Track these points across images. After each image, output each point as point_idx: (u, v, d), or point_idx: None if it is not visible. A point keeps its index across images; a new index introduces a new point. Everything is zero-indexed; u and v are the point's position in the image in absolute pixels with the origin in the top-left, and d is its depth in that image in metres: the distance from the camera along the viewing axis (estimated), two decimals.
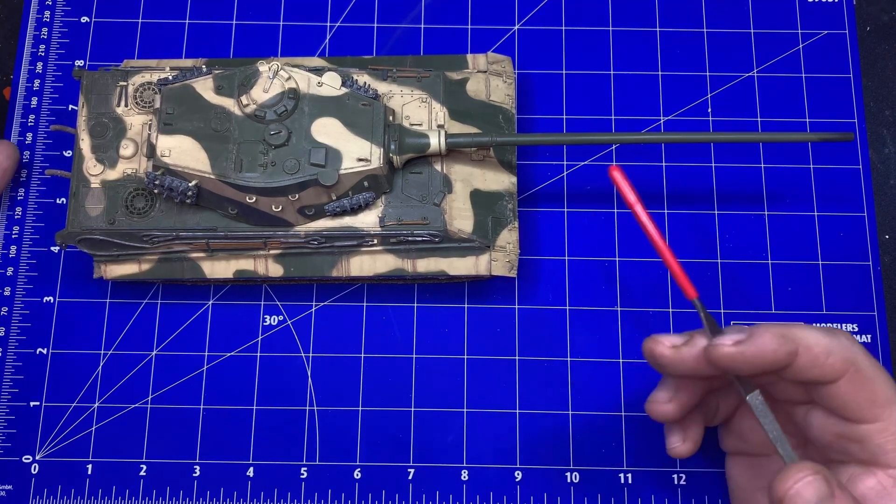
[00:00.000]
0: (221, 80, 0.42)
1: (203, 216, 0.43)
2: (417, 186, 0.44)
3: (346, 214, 0.44)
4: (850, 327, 0.48)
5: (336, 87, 0.42)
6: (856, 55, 0.52)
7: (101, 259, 0.45)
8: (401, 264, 0.45)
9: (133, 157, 0.44)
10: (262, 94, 0.41)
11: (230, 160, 0.41)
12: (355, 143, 0.41)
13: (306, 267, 0.45)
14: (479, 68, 0.48)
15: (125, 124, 0.44)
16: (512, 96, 0.47)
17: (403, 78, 0.46)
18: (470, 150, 0.46)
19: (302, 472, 0.47)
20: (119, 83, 0.45)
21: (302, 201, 0.42)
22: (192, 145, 0.41)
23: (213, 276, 0.45)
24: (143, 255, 0.45)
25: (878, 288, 0.49)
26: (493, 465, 0.46)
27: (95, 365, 0.48)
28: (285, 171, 0.41)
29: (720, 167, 0.51)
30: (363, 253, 0.45)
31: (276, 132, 0.41)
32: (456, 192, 0.45)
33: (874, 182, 0.51)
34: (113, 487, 0.46)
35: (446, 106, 0.45)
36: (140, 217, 0.43)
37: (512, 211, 0.46)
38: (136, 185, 0.44)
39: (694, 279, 0.49)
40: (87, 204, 0.43)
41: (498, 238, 0.45)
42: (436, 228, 0.43)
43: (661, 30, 0.53)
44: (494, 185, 0.46)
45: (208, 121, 0.42)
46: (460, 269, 0.45)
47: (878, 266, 0.49)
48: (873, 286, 0.49)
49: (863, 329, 0.48)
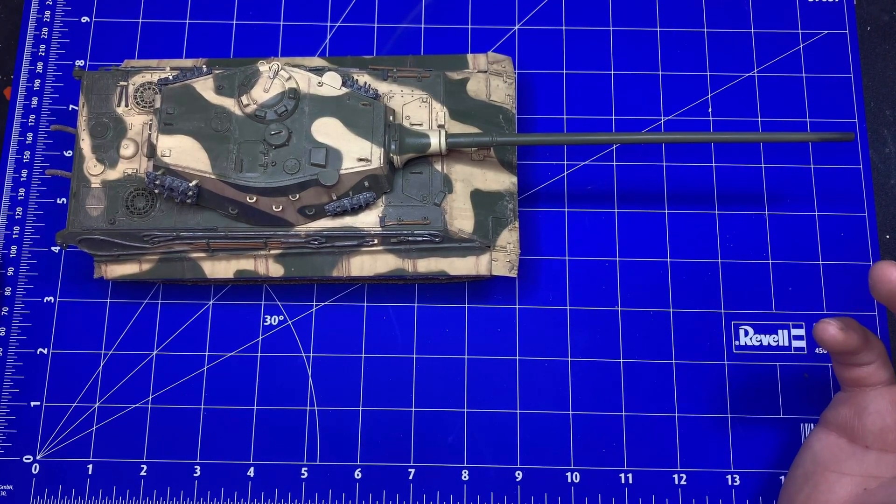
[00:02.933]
0: (222, 79, 0.42)
1: (203, 216, 0.43)
2: (418, 186, 0.44)
3: (347, 214, 0.44)
4: None
5: (336, 86, 0.42)
6: (856, 55, 0.52)
7: (102, 259, 0.45)
8: (401, 264, 0.45)
9: (133, 157, 0.44)
10: (263, 94, 0.41)
11: (230, 160, 0.41)
12: (356, 143, 0.41)
13: (307, 267, 0.45)
14: (479, 68, 0.48)
15: (125, 124, 0.44)
16: (512, 96, 0.47)
17: (404, 78, 0.46)
18: (470, 150, 0.46)
19: (302, 472, 0.47)
20: (119, 83, 0.45)
21: (302, 201, 0.42)
22: (193, 145, 0.41)
23: (214, 276, 0.45)
24: (143, 255, 0.45)
25: None
26: (494, 465, 0.47)
27: (96, 365, 0.48)
28: (286, 170, 0.41)
29: (720, 167, 0.51)
30: (363, 253, 0.45)
31: (276, 132, 0.41)
32: (456, 192, 0.45)
33: (874, 182, 0.51)
34: (113, 487, 0.46)
35: (447, 106, 0.45)
36: (140, 217, 0.43)
37: (512, 211, 0.46)
38: (137, 185, 0.44)
39: (694, 279, 0.49)
40: (88, 204, 0.43)
41: (498, 238, 0.45)
42: (436, 228, 0.43)
43: (661, 30, 0.53)
44: (495, 185, 0.46)
45: (209, 121, 0.42)
46: (461, 270, 0.45)
47: None
48: None
49: None
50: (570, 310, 0.49)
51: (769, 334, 0.48)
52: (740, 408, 0.47)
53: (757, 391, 0.47)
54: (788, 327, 0.48)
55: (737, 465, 0.47)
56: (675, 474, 0.47)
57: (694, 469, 0.47)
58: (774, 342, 0.48)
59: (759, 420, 0.47)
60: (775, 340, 0.48)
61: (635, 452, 0.47)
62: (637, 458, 0.47)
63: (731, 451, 0.47)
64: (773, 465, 0.47)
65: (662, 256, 0.49)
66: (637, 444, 0.47)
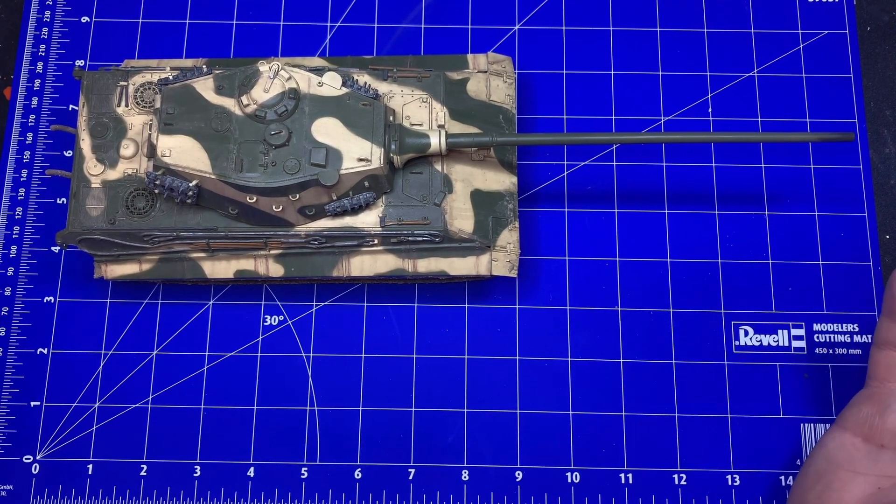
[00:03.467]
0: (222, 80, 0.42)
1: (203, 216, 0.43)
2: (418, 186, 0.44)
3: (347, 214, 0.44)
4: (850, 327, 0.48)
5: (336, 87, 0.42)
6: (856, 55, 0.52)
7: (102, 259, 0.45)
8: (401, 264, 0.45)
9: (133, 157, 0.44)
10: (263, 94, 0.41)
11: (231, 160, 0.41)
12: (356, 143, 0.41)
13: (307, 267, 0.45)
14: (479, 68, 0.48)
15: (125, 124, 0.44)
16: (512, 96, 0.47)
17: (404, 78, 0.46)
18: (470, 151, 0.46)
19: (302, 472, 0.47)
20: (119, 83, 0.45)
21: (302, 201, 0.42)
22: (193, 145, 0.41)
23: (214, 276, 0.45)
24: (143, 255, 0.45)
25: (879, 288, 0.49)
26: (494, 465, 0.47)
27: (96, 365, 0.48)
28: (286, 171, 0.41)
29: (720, 167, 0.51)
30: (364, 253, 0.45)
31: (276, 132, 0.41)
32: (456, 192, 0.45)
33: (874, 182, 0.51)
34: (113, 487, 0.46)
35: (447, 106, 0.45)
36: (140, 217, 0.43)
37: (512, 211, 0.46)
38: (137, 185, 0.44)
39: (694, 279, 0.49)
40: (88, 204, 0.43)
41: (498, 238, 0.45)
42: (436, 228, 0.43)
43: (661, 30, 0.53)
44: (495, 185, 0.46)
45: (209, 121, 0.42)
46: (461, 270, 0.45)
47: (879, 266, 0.49)
48: (874, 286, 0.49)
49: (863, 329, 0.48)
50: (570, 310, 0.49)
51: (769, 334, 0.48)
52: (740, 408, 0.47)
53: (757, 391, 0.47)
54: (788, 327, 0.48)
55: (737, 465, 0.47)
56: (675, 474, 0.47)
57: (694, 469, 0.47)
58: (774, 342, 0.48)
59: (758, 420, 0.47)
60: (775, 340, 0.48)
61: (635, 452, 0.47)
62: (637, 458, 0.47)
63: (731, 451, 0.47)
64: (773, 465, 0.47)
65: (662, 256, 0.49)
66: (637, 444, 0.47)
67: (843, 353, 0.48)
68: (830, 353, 0.48)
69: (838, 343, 0.48)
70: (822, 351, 0.48)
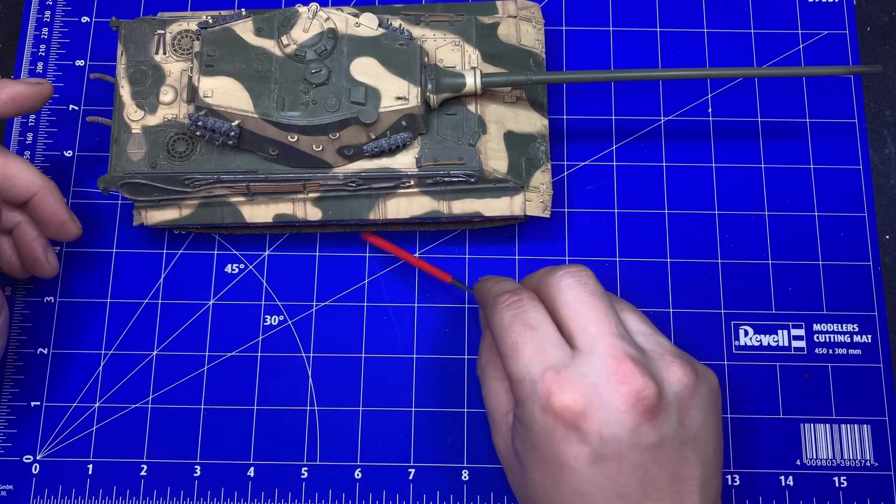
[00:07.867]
0: (261, 22, 0.43)
1: (243, 159, 0.43)
2: (452, 127, 0.44)
3: (384, 155, 0.44)
4: (850, 327, 0.48)
5: (373, 27, 0.43)
6: (856, 55, 0.52)
7: (143, 205, 0.45)
8: (437, 206, 0.45)
9: (173, 103, 0.44)
10: (302, 34, 0.42)
11: (272, 99, 0.41)
12: (393, 82, 0.42)
13: (344, 210, 0.45)
14: (508, 13, 0.48)
15: (164, 71, 0.45)
16: (541, 41, 0.48)
17: (435, 22, 0.46)
18: (503, 92, 0.46)
19: (302, 472, 0.47)
20: (157, 31, 0.45)
21: (342, 140, 0.42)
22: (234, 86, 0.41)
23: (253, 220, 0.45)
24: (183, 200, 0.45)
25: (879, 288, 0.49)
26: (494, 466, 0.47)
27: (96, 365, 0.48)
28: (326, 109, 0.41)
29: (720, 167, 0.51)
30: (399, 195, 0.45)
31: (316, 71, 0.41)
32: (490, 133, 0.45)
33: (874, 182, 0.51)
34: (113, 487, 0.46)
35: (478, 49, 0.45)
36: (181, 161, 0.43)
37: (544, 153, 0.46)
38: (177, 129, 0.44)
39: (694, 279, 0.49)
40: (129, 149, 0.43)
41: (531, 179, 0.45)
42: (472, 168, 0.43)
43: (661, 30, 0.53)
44: (527, 126, 0.46)
45: (249, 62, 0.42)
46: (495, 210, 0.45)
47: (879, 266, 0.49)
48: (873, 286, 0.49)
49: (863, 329, 0.48)
50: None
51: (769, 334, 0.48)
52: (740, 408, 0.47)
53: (757, 391, 0.47)
54: (788, 327, 0.48)
55: (737, 466, 0.47)
56: None
57: None
58: (774, 342, 0.48)
59: (758, 420, 0.47)
60: (775, 340, 0.48)
61: None
62: None
63: (731, 451, 0.47)
64: (773, 465, 0.47)
65: (662, 256, 0.49)
66: None
67: (843, 353, 0.48)
68: (830, 353, 0.48)
69: (838, 343, 0.48)
70: (822, 351, 0.48)
